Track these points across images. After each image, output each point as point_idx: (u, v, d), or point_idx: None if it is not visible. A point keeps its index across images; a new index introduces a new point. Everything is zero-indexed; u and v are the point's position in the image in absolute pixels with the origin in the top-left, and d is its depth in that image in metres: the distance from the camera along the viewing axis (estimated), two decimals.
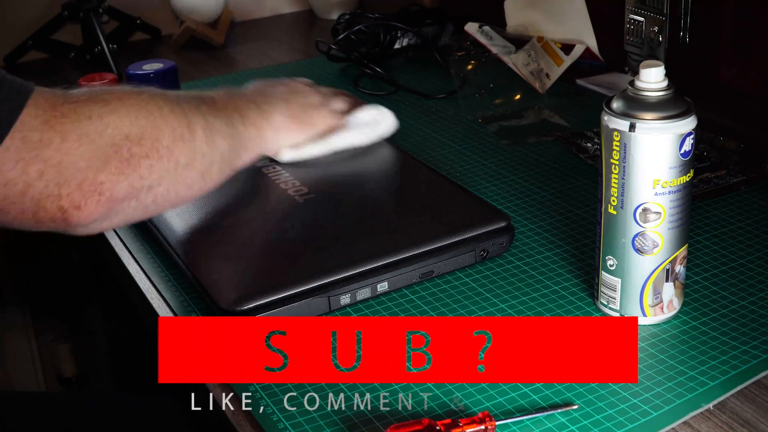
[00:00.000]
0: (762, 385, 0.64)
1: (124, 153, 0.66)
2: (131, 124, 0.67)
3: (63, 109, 0.64)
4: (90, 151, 0.64)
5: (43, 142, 0.62)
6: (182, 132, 0.71)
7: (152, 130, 0.68)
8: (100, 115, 0.66)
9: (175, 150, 0.70)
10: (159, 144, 0.69)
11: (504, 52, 1.24)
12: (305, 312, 0.72)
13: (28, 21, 1.51)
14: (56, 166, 0.63)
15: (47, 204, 0.63)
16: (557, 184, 0.95)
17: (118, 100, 0.68)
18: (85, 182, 0.64)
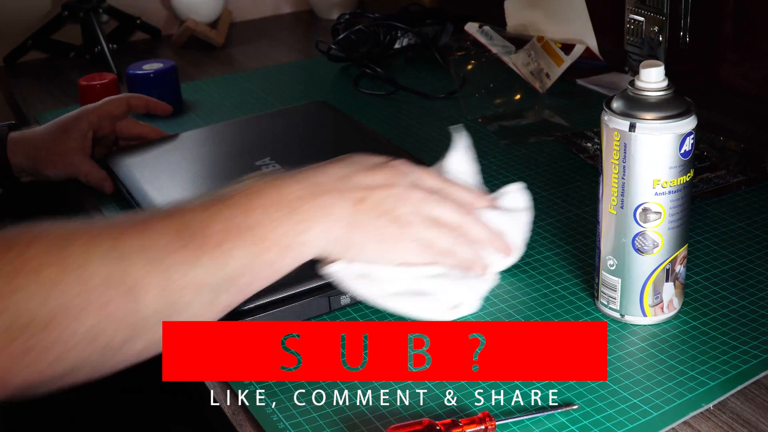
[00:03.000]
0: (762, 385, 0.64)
1: (20, 345, 0.52)
2: (39, 307, 0.52)
3: None
4: None
5: None
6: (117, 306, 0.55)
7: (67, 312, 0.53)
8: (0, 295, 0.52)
9: (102, 332, 0.55)
10: (75, 329, 0.54)
11: (504, 52, 1.24)
12: (305, 312, 0.72)
13: (28, 21, 1.51)
14: None
15: None
16: (557, 184, 0.95)
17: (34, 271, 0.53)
18: None
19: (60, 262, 0.54)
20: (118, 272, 0.55)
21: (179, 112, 1.22)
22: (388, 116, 1.17)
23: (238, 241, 0.60)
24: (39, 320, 0.52)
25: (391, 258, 0.67)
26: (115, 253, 0.56)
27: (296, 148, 0.99)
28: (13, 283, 0.53)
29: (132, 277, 0.56)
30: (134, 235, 0.57)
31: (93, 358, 0.55)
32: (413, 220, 0.67)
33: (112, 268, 0.55)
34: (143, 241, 0.57)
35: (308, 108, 1.13)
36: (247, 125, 1.08)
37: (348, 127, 1.05)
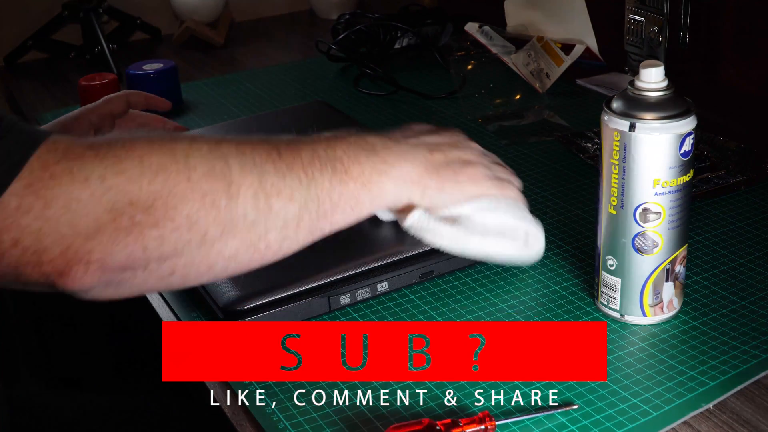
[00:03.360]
0: (762, 385, 0.64)
1: (123, 221, 0.57)
2: (141, 189, 0.57)
3: (55, 170, 0.56)
4: (78, 217, 0.56)
5: (21, 210, 0.55)
6: (215, 198, 0.59)
7: (170, 197, 0.58)
8: (102, 177, 0.57)
9: (199, 220, 0.59)
10: (176, 212, 0.58)
11: (504, 52, 1.24)
12: (305, 312, 0.73)
13: (28, 21, 1.51)
14: (34, 233, 0.56)
15: (27, 270, 0.57)
16: (557, 184, 0.95)
17: (137, 158, 0.58)
18: (70, 249, 0.57)
19: (165, 153, 0.59)
20: (219, 168, 0.60)
21: (179, 112, 1.22)
22: (388, 116, 1.17)
23: (323, 167, 0.64)
24: (142, 201, 0.57)
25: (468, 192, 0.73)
26: (216, 153, 0.60)
27: None
28: (120, 166, 0.57)
29: (231, 173, 0.60)
30: (231, 144, 0.62)
31: (190, 248, 0.59)
32: (481, 160, 0.75)
33: (213, 163, 0.60)
34: (239, 150, 0.62)
35: (308, 108, 1.13)
36: (247, 125, 1.08)
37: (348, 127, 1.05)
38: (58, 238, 0.56)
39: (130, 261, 0.58)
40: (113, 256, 0.57)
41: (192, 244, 0.59)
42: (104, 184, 0.56)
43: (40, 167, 0.56)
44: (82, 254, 0.57)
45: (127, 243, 0.57)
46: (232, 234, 0.60)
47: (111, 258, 0.57)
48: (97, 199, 0.56)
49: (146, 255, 0.58)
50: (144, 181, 0.57)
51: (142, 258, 0.58)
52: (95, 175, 0.56)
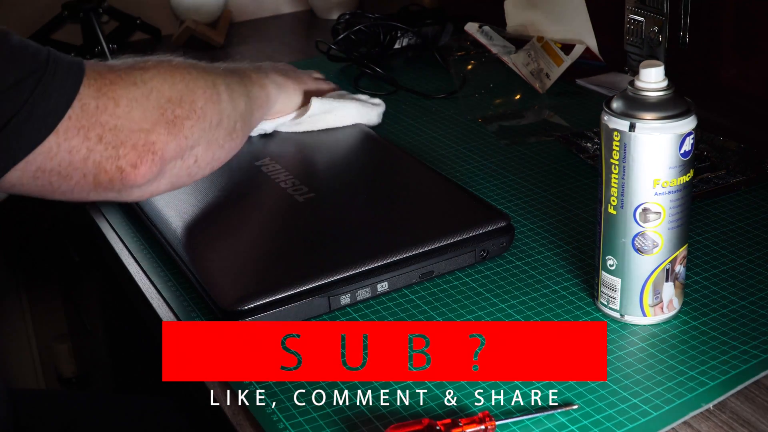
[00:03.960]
0: (762, 385, 0.64)
1: (168, 115, 0.72)
2: (170, 88, 0.73)
3: (111, 77, 0.70)
4: (140, 114, 0.70)
5: (99, 109, 0.68)
6: (211, 93, 0.77)
7: (188, 93, 0.75)
8: (144, 81, 0.72)
9: (207, 110, 0.76)
10: (195, 105, 0.75)
11: (504, 52, 1.24)
12: (305, 312, 0.73)
13: (28, 21, 1.51)
14: (113, 129, 0.69)
15: (107, 165, 0.69)
16: (557, 184, 0.95)
17: (154, 67, 0.74)
18: (139, 143, 0.70)
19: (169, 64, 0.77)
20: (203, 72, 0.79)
21: None
22: (388, 116, 1.17)
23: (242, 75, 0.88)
24: (174, 98, 0.74)
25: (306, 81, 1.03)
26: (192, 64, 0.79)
27: (296, 148, 0.99)
28: (148, 72, 0.73)
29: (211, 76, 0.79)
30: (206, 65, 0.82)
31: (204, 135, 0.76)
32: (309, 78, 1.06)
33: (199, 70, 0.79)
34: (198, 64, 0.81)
35: None
36: None
37: (348, 127, 1.05)
38: (130, 133, 0.69)
39: (177, 150, 0.73)
40: (168, 146, 0.72)
41: (205, 131, 0.76)
42: (147, 85, 0.72)
43: (99, 76, 0.70)
44: (149, 145, 0.70)
45: (176, 134, 0.72)
46: (221, 124, 0.78)
47: (167, 148, 0.72)
48: (146, 98, 0.71)
49: (186, 143, 0.74)
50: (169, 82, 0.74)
51: (184, 146, 0.74)
52: (138, 79, 0.72)
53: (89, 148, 0.68)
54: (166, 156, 0.72)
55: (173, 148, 0.72)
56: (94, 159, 0.68)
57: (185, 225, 0.83)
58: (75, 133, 0.67)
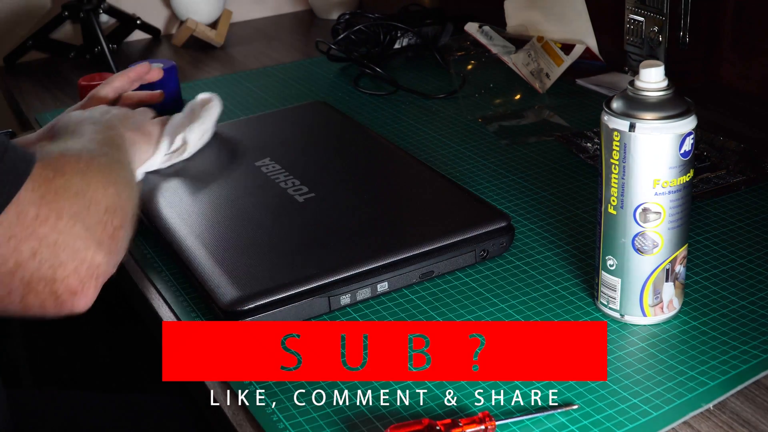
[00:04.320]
0: (762, 385, 0.64)
1: (108, 229, 0.63)
2: (105, 196, 0.64)
3: (56, 185, 0.61)
4: (83, 230, 0.60)
5: (39, 219, 0.58)
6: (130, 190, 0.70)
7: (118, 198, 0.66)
8: (83, 191, 0.62)
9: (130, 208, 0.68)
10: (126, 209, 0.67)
11: (504, 52, 1.24)
12: (305, 312, 0.73)
13: (28, 21, 1.51)
14: (52, 245, 0.58)
15: (39, 287, 0.58)
16: (557, 184, 0.95)
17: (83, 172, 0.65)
18: (83, 265, 0.60)
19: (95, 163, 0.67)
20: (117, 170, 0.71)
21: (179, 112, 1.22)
22: (388, 116, 1.17)
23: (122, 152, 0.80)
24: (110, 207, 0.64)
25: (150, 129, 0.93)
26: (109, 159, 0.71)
27: (296, 148, 0.99)
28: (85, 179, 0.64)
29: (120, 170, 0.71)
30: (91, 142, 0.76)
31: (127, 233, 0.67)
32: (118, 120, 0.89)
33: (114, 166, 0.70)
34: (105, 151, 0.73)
35: (308, 108, 1.13)
36: (247, 125, 1.08)
37: (348, 127, 1.05)
38: (73, 252, 0.59)
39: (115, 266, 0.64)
40: (110, 265, 0.63)
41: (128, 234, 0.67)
42: (86, 196, 0.62)
43: (46, 182, 0.60)
44: (93, 269, 0.61)
45: (117, 249, 0.64)
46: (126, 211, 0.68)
47: (111, 268, 0.63)
48: (88, 210, 0.62)
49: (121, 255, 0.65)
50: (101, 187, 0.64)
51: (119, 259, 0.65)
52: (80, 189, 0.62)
53: (18, 261, 0.57)
54: (107, 277, 0.63)
55: (113, 266, 0.64)
56: (23, 276, 0.58)
57: (185, 225, 0.83)
58: (4, 241, 0.57)
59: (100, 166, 0.67)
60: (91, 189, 0.63)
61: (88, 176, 0.64)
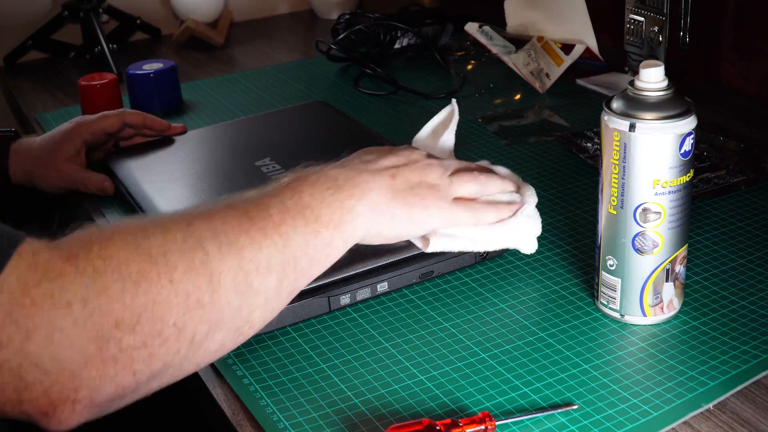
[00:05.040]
0: (762, 385, 0.64)
1: (110, 349, 0.51)
2: (125, 307, 0.52)
3: (35, 294, 0.50)
4: (62, 351, 0.50)
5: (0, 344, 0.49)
6: (199, 296, 0.55)
7: (155, 308, 0.53)
8: (85, 299, 0.51)
9: (187, 325, 0.54)
10: (163, 324, 0.53)
11: (504, 52, 1.24)
12: (305, 312, 0.73)
13: (28, 21, 1.51)
14: (14, 370, 0.50)
15: (7, 408, 0.51)
16: (557, 184, 0.95)
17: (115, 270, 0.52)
18: (53, 388, 0.50)
19: (141, 256, 0.53)
20: (198, 259, 0.55)
21: (179, 112, 1.22)
22: (388, 116, 1.17)
23: (295, 222, 0.61)
24: (127, 320, 0.51)
25: (436, 219, 0.70)
26: (191, 240, 0.56)
27: (296, 148, 0.99)
28: (101, 282, 0.51)
29: (210, 262, 0.55)
30: (202, 221, 0.58)
31: (179, 357, 0.54)
32: (444, 182, 0.71)
33: (192, 255, 0.55)
34: (212, 226, 0.58)
35: (308, 108, 1.13)
36: (247, 125, 1.08)
37: (348, 127, 1.05)
38: (41, 375, 0.50)
39: (119, 390, 0.53)
40: (102, 390, 0.52)
41: (181, 352, 0.54)
42: (87, 307, 0.51)
43: (20, 291, 0.50)
44: (68, 392, 0.51)
45: (117, 373, 0.52)
46: (218, 327, 0.56)
47: (100, 393, 0.52)
48: (81, 327, 0.50)
49: (136, 379, 0.53)
50: (127, 296, 0.52)
51: (132, 383, 0.53)
52: (77, 298, 0.51)
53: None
54: (98, 401, 0.52)
55: (110, 392, 0.52)
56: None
57: None
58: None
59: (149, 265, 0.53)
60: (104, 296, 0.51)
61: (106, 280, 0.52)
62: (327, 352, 0.70)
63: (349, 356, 0.69)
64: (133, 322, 0.52)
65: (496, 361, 0.67)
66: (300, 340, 0.71)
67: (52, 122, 1.19)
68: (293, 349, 0.70)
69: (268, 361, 0.69)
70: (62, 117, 1.18)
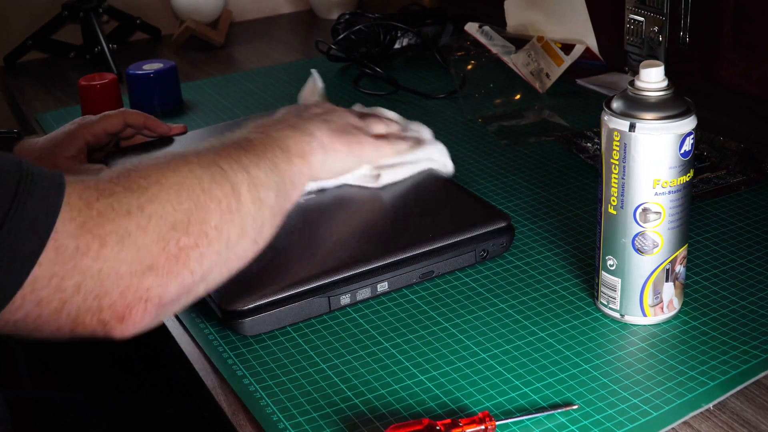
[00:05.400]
0: (762, 385, 0.64)
1: (172, 248, 0.57)
2: (175, 210, 0.58)
3: (99, 206, 0.55)
4: (133, 253, 0.56)
5: (80, 251, 0.54)
6: (228, 203, 0.62)
7: (198, 211, 0.60)
8: (140, 207, 0.57)
9: (224, 227, 0.61)
10: (207, 226, 0.60)
11: (504, 52, 1.24)
12: (305, 312, 0.73)
13: (28, 21, 1.51)
14: (95, 276, 0.54)
15: (86, 319, 0.55)
16: (557, 184, 0.95)
17: (157, 183, 0.59)
18: (129, 290, 0.56)
19: (173, 172, 0.61)
20: (218, 175, 0.63)
21: (179, 112, 1.22)
22: None
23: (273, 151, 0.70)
24: (179, 222, 0.58)
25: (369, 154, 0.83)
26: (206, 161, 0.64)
27: None
28: (148, 194, 0.58)
29: (227, 174, 0.63)
30: (209, 151, 0.66)
31: (219, 258, 0.61)
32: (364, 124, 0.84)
33: (213, 172, 0.63)
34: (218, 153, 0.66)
35: None
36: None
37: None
38: (117, 279, 0.55)
39: (180, 290, 0.59)
40: (168, 289, 0.58)
41: (221, 254, 0.61)
42: (144, 212, 0.57)
43: (86, 206, 0.55)
44: (141, 292, 0.56)
45: (179, 271, 0.58)
46: (244, 235, 0.63)
47: (167, 291, 0.58)
48: (144, 230, 0.56)
49: (193, 278, 0.59)
50: (173, 202, 0.59)
51: (190, 282, 0.59)
52: (134, 206, 0.57)
53: (63, 299, 0.54)
54: (165, 300, 0.58)
55: (174, 290, 0.58)
56: (68, 312, 0.55)
57: None
58: (46, 283, 0.53)
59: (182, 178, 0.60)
60: (156, 203, 0.58)
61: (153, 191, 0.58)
62: (327, 352, 0.70)
63: (349, 356, 0.69)
64: (185, 224, 0.59)
65: (496, 361, 0.67)
66: (300, 340, 0.71)
67: (52, 122, 1.19)
68: (293, 349, 0.70)
69: (268, 361, 0.69)
70: (62, 117, 1.18)
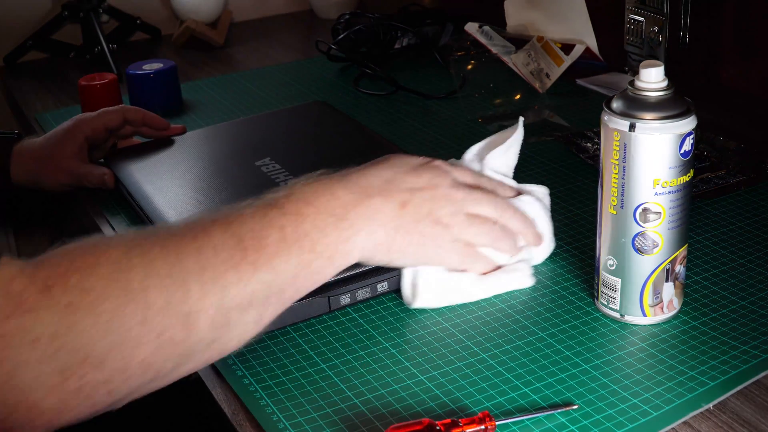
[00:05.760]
0: (762, 385, 0.64)
1: (73, 383, 0.52)
2: (94, 344, 0.52)
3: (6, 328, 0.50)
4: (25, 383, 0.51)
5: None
6: (172, 335, 0.55)
7: (124, 347, 0.53)
8: (54, 335, 0.51)
9: (154, 362, 0.54)
10: (130, 362, 0.53)
11: (504, 52, 1.24)
12: (305, 312, 0.73)
13: (28, 21, 1.51)
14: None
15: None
16: (557, 184, 0.95)
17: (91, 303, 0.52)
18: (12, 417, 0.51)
19: (120, 291, 0.53)
20: (177, 298, 0.55)
21: (179, 112, 1.22)
22: (388, 116, 1.17)
23: (288, 253, 0.61)
24: (95, 357, 0.52)
25: (431, 259, 0.70)
26: (173, 277, 0.55)
27: (296, 148, 0.99)
28: (71, 319, 0.52)
29: (190, 301, 0.55)
30: (191, 253, 0.57)
31: (141, 389, 0.56)
32: (453, 221, 0.70)
33: (171, 294, 0.55)
34: (200, 260, 0.57)
35: (308, 108, 1.13)
36: (247, 125, 1.08)
37: (348, 127, 1.05)
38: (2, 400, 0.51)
39: (77, 418, 0.54)
40: (60, 418, 0.53)
41: (144, 386, 0.56)
42: (55, 343, 0.51)
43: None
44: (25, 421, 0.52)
45: (77, 404, 0.53)
46: (188, 361, 0.57)
47: (58, 420, 0.53)
48: (47, 362, 0.51)
49: (95, 409, 0.54)
50: (97, 334, 0.52)
51: (90, 412, 0.54)
52: (47, 333, 0.51)
53: None
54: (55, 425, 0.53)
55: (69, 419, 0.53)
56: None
57: None
58: None
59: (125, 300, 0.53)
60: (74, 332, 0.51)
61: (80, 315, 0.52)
62: (327, 352, 0.70)
63: (349, 356, 0.69)
64: (100, 360, 0.52)
65: (496, 361, 0.67)
66: (300, 340, 0.71)
67: (52, 122, 1.19)
68: (293, 349, 0.70)
69: (268, 361, 0.69)
70: (62, 117, 1.18)
